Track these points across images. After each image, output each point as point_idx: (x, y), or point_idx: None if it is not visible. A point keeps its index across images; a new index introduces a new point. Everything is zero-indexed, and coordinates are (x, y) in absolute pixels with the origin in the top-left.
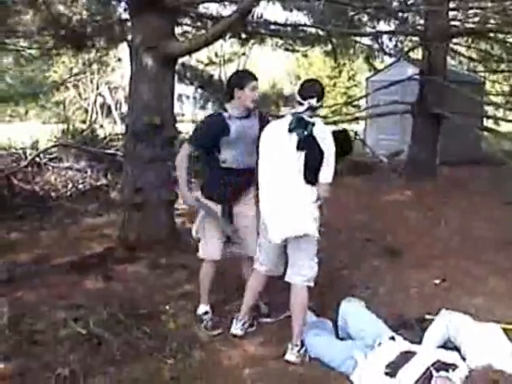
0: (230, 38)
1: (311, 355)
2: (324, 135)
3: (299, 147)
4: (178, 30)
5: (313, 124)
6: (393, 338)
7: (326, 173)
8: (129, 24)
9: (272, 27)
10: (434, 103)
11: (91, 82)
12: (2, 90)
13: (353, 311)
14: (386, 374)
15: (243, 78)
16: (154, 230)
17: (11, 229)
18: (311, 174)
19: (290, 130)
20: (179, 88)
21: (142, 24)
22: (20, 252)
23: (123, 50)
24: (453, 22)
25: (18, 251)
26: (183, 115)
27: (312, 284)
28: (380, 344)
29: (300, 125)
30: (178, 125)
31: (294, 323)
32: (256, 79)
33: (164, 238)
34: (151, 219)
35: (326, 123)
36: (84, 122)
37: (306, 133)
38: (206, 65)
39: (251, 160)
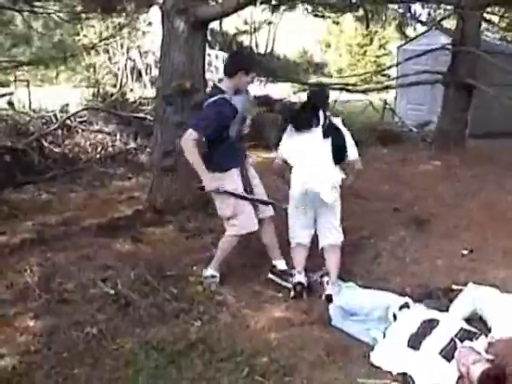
0: (261, 3)
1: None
2: (338, 121)
3: (325, 136)
4: None
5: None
6: (406, 306)
7: (353, 151)
8: None
9: None
10: (466, 74)
11: (121, 47)
12: (32, 54)
13: (350, 293)
14: (410, 346)
15: (251, 64)
16: (182, 193)
17: (41, 190)
18: (339, 156)
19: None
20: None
21: None
22: (50, 214)
23: (153, 13)
24: None
25: (47, 213)
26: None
27: (340, 243)
28: (395, 316)
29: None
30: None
31: (332, 273)
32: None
33: (192, 201)
34: (180, 183)
35: (356, 91)
36: (114, 85)
37: (327, 122)
38: (236, 34)
39: (246, 127)
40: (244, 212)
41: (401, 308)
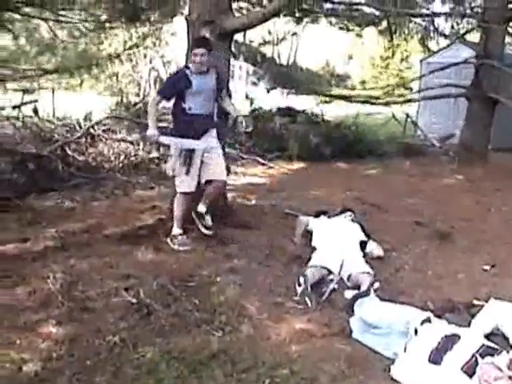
0: (285, 16)
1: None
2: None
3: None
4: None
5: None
6: (428, 320)
7: (374, 246)
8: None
9: (327, 6)
10: (489, 87)
11: (145, 56)
12: (58, 62)
13: (371, 305)
14: (431, 361)
15: (193, 44)
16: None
17: (65, 198)
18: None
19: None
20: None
21: None
22: (73, 221)
23: (177, 23)
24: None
25: (70, 220)
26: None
27: None
28: (416, 331)
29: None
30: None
31: None
32: (199, 46)
33: (214, 211)
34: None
35: (378, 104)
36: (137, 94)
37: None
38: (260, 44)
39: (209, 107)
40: (180, 174)
41: (422, 322)
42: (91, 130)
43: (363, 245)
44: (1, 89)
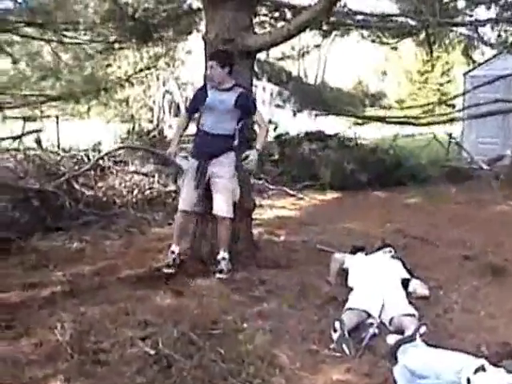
0: (311, 29)
1: None
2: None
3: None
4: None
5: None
6: (482, 369)
7: (418, 284)
8: (200, 14)
9: (357, 17)
10: None
11: (157, 78)
12: (62, 87)
13: (417, 352)
14: None
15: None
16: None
17: (73, 238)
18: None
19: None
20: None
21: (217, 14)
22: (82, 263)
23: (193, 40)
24: None
25: (80, 262)
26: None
27: None
28: (469, 381)
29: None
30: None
31: None
32: (210, 59)
33: (240, 250)
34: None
35: (417, 125)
36: (151, 121)
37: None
38: (280, 59)
39: (224, 127)
40: (183, 191)
41: (476, 371)
42: (100, 162)
43: (406, 283)
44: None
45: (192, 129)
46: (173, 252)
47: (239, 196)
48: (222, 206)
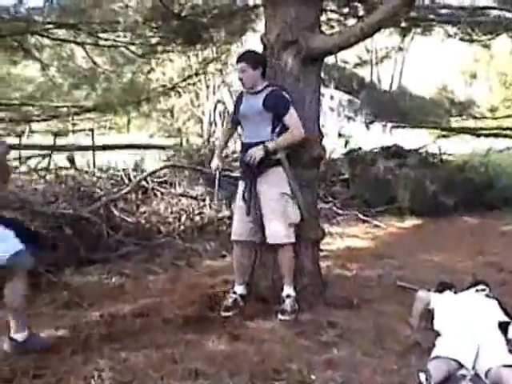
0: (386, 27)
1: None
2: None
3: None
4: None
5: None
6: None
7: None
8: (257, 11)
9: (442, 11)
10: None
11: (207, 86)
12: (98, 97)
13: None
14: None
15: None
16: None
17: (111, 272)
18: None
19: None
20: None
21: (278, 12)
22: (122, 301)
23: (248, 41)
24: None
25: (119, 300)
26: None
27: None
28: None
29: None
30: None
31: None
32: (240, 61)
33: (306, 286)
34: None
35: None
36: (200, 135)
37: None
38: (356, 65)
39: (258, 136)
40: (234, 218)
41: None
42: (143, 183)
43: (504, 327)
44: (26, 132)
45: None
46: (234, 292)
47: (299, 219)
48: (275, 231)
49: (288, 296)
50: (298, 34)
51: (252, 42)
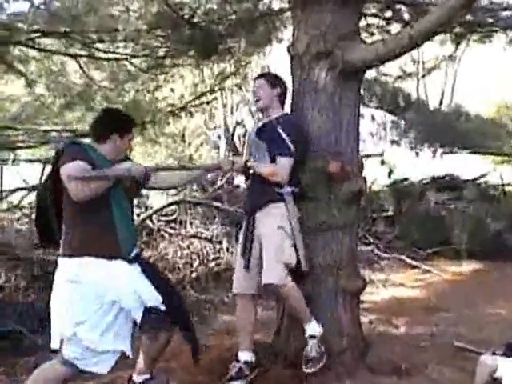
0: (438, 33)
1: None
2: None
3: None
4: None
5: None
6: None
7: None
8: (283, 17)
9: (504, 14)
10: None
11: (224, 105)
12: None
13: None
14: None
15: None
16: (327, 335)
17: None
18: None
19: None
20: None
21: (309, 18)
22: (122, 367)
23: (272, 55)
24: None
25: (119, 366)
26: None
27: None
28: None
29: None
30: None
31: None
32: (257, 78)
33: (344, 348)
34: (324, 318)
35: None
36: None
37: None
38: (399, 78)
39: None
40: (236, 266)
41: None
42: (148, 223)
43: None
44: (9, 161)
45: None
46: (238, 360)
47: (294, 263)
48: (267, 269)
49: (312, 337)
50: (333, 43)
51: (277, 54)
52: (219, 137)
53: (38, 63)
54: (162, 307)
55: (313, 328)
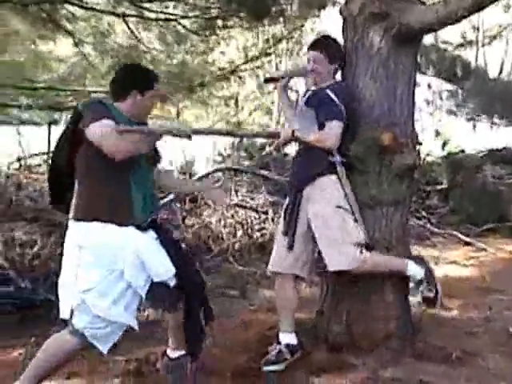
0: None
1: None
2: None
3: None
4: None
5: None
6: None
7: None
8: None
9: None
10: None
11: (277, 69)
12: None
13: None
14: None
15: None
16: (375, 319)
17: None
18: None
19: None
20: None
21: None
22: (155, 344)
23: (326, 17)
24: None
25: (150, 343)
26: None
27: None
28: None
29: None
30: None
31: None
32: (314, 48)
33: (390, 332)
34: (373, 301)
35: None
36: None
37: None
38: (459, 46)
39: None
40: (275, 243)
41: None
42: None
43: None
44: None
45: None
46: (278, 342)
47: (363, 240)
48: (331, 256)
49: (419, 282)
50: (389, 4)
51: (332, 18)
52: (272, 102)
53: (86, 22)
54: (172, 282)
55: (414, 271)
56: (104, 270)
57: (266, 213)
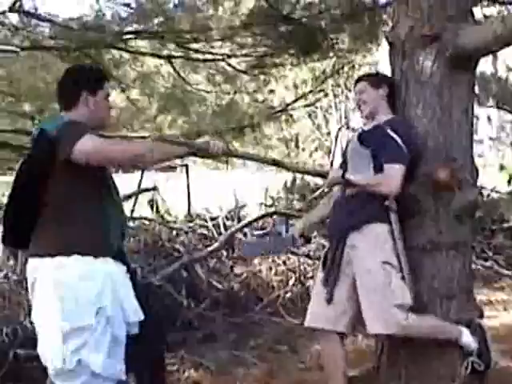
0: None
1: None
2: None
3: None
4: None
5: None
6: None
7: None
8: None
9: None
10: None
11: (336, 107)
12: (190, 123)
13: None
14: None
15: None
16: (436, 377)
17: (184, 362)
18: None
19: None
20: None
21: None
22: None
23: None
24: None
25: None
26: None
27: None
28: None
29: None
30: None
31: None
32: (357, 81)
33: None
34: (431, 353)
35: None
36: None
37: None
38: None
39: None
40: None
41: None
42: (240, 236)
43: None
44: None
45: None
46: None
47: (409, 302)
48: (370, 318)
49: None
50: (441, 24)
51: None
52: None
53: (130, 66)
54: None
55: (468, 341)
56: (91, 308)
57: (319, 258)
